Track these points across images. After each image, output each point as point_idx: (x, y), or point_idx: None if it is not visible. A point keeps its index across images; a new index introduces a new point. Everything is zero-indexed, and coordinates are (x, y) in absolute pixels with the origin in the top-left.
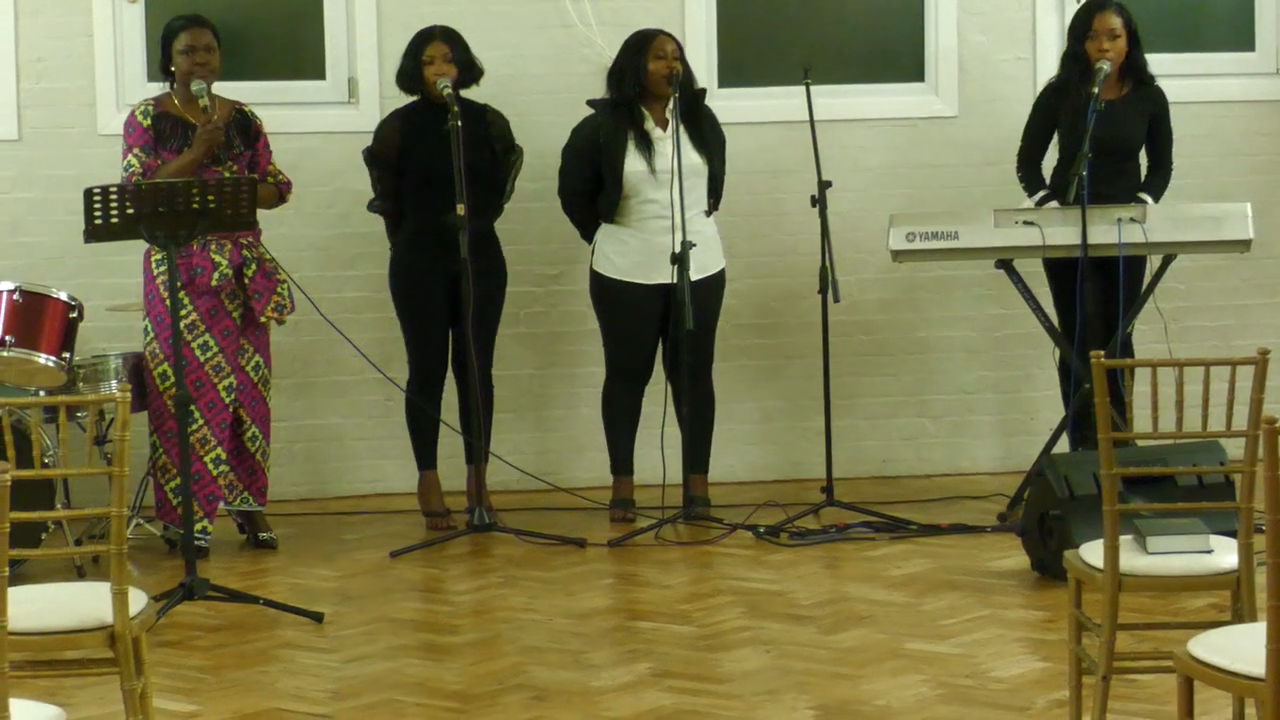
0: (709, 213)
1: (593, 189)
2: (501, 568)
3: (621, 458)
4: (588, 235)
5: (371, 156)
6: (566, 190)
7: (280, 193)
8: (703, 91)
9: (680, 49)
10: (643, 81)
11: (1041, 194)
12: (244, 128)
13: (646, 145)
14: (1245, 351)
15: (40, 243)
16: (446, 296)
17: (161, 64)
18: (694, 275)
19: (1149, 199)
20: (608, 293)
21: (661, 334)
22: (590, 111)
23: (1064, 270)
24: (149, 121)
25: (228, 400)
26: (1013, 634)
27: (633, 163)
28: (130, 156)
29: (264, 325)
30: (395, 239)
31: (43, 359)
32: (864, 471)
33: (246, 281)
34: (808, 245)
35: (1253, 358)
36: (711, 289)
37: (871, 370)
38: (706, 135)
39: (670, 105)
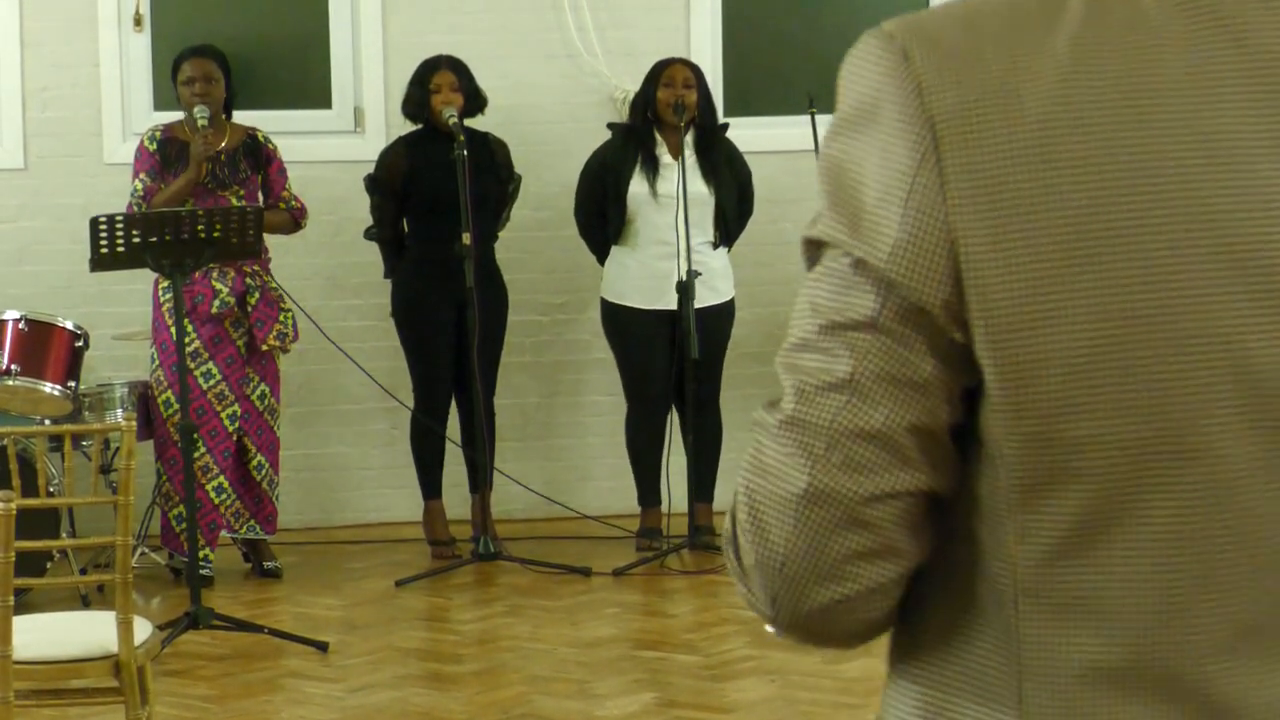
0: (717, 245)
1: (602, 210)
2: (506, 597)
3: (647, 488)
4: (602, 259)
5: (374, 183)
6: (579, 212)
7: (294, 218)
8: (723, 126)
9: (698, 79)
10: (653, 109)
11: None
12: (254, 152)
13: (652, 169)
14: None
15: (46, 271)
16: (450, 325)
17: (175, 94)
18: (701, 302)
19: None
20: (615, 318)
21: (672, 359)
22: (609, 135)
23: None
24: (155, 146)
25: (231, 429)
26: None
27: (636, 185)
28: (136, 181)
29: (270, 354)
30: (397, 267)
31: (48, 388)
32: None
33: (250, 309)
34: None
35: None
36: (719, 318)
37: None
38: (719, 167)
39: (688, 134)
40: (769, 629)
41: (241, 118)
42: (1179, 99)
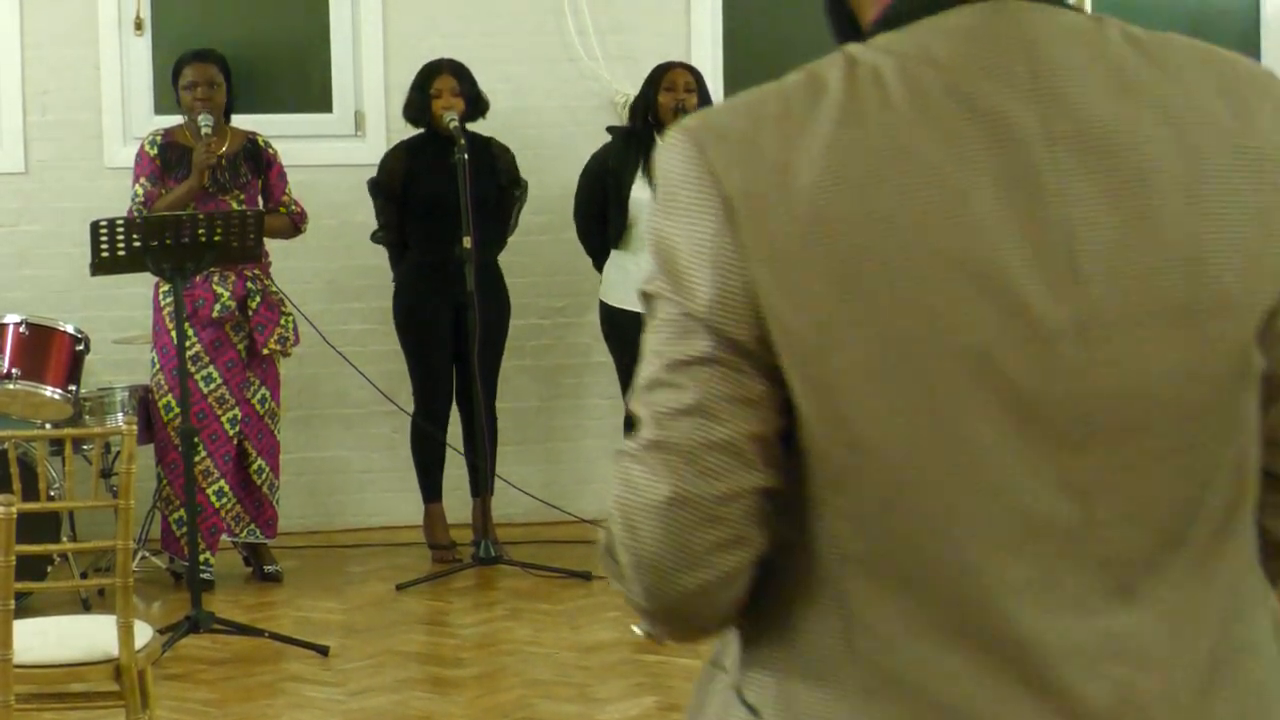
0: None
1: (602, 214)
2: (507, 600)
3: None
4: (599, 264)
5: (376, 187)
6: (578, 215)
7: (294, 222)
8: None
9: (699, 83)
10: (654, 113)
11: None
12: (254, 156)
13: (654, 174)
14: None
15: (47, 275)
16: (450, 329)
17: (176, 98)
18: None
19: None
20: (613, 321)
21: None
22: (609, 139)
23: None
24: (155, 151)
25: (231, 432)
26: None
27: (638, 190)
28: (136, 186)
29: (270, 358)
30: (399, 271)
31: (49, 392)
32: None
33: (250, 313)
34: None
35: None
36: None
37: None
38: None
39: None
40: (636, 630)
41: (242, 121)
42: (921, 161)
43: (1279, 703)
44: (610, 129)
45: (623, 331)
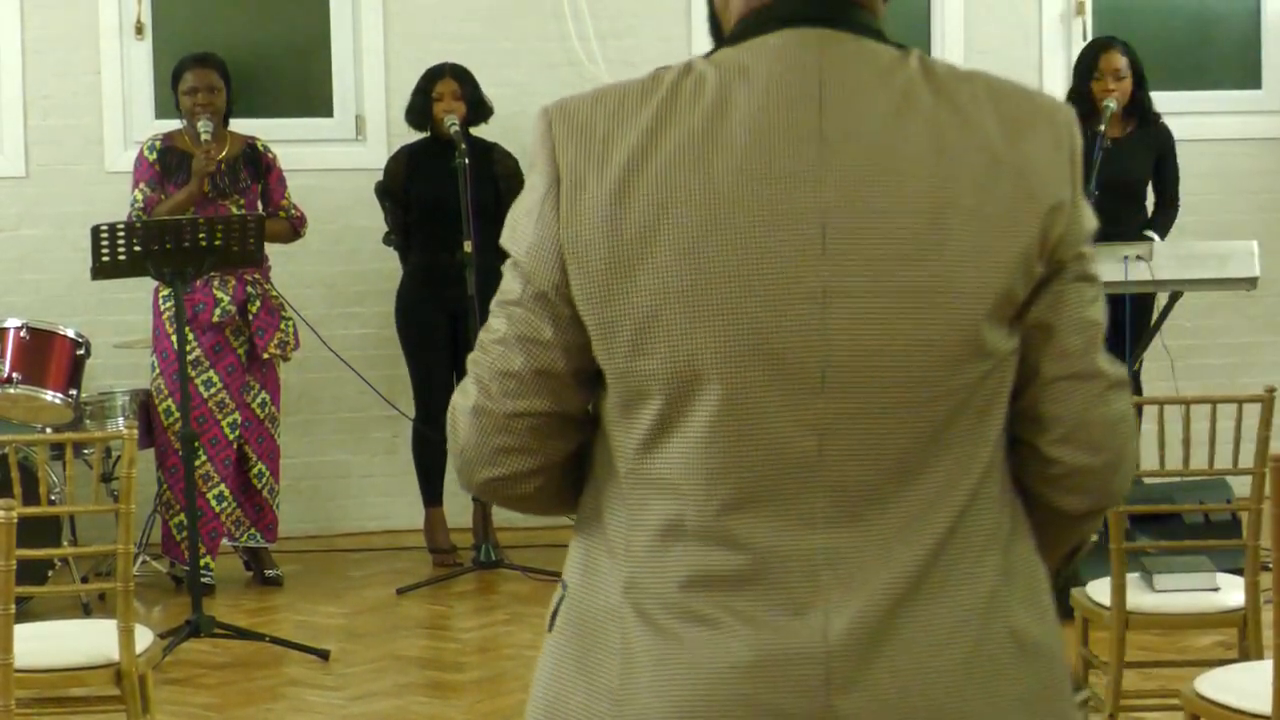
0: None
1: None
2: (508, 604)
3: None
4: None
5: (383, 191)
6: None
7: (294, 227)
8: None
9: None
10: None
11: None
12: (253, 161)
13: None
14: (1251, 389)
15: (47, 280)
16: (450, 333)
17: (175, 102)
18: None
19: (1155, 236)
20: None
21: None
22: None
23: None
24: (155, 156)
25: (231, 437)
26: None
27: None
28: (136, 191)
29: (271, 362)
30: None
31: (49, 396)
32: None
33: (251, 317)
34: None
35: (1259, 395)
36: None
37: None
38: None
39: None
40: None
41: (243, 126)
42: (721, 147)
43: (983, 638)
44: None
45: None
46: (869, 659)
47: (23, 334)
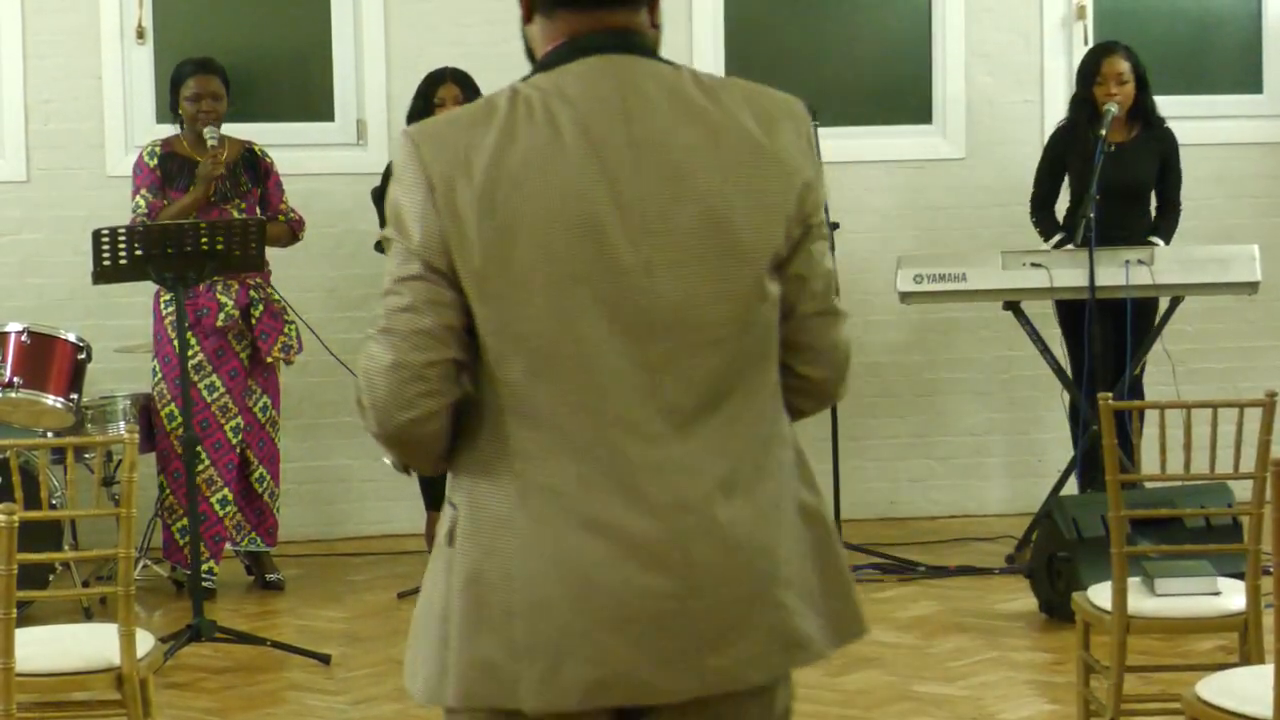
0: None
1: None
2: None
3: None
4: None
5: (381, 196)
6: None
7: (293, 231)
8: None
9: None
10: None
11: (1057, 238)
12: (253, 165)
13: None
14: (1253, 393)
15: (48, 284)
16: None
17: (170, 105)
18: None
19: (1159, 241)
20: None
21: None
22: None
23: (1074, 310)
24: (155, 162)
25: (234, 441)
26: (1021, 676)
27: None
28: (138, 197)
29: (272, 366)
30: None
31: (50, 400)
32: (872, 513)
33: (254, 322)
34: None
35: (1260, 400)
36: None
37: (880, 412)
38: None
39: None
40: (385, 460)
41: (244, 130)
42: (550, 158)
43: (787, 506)
44: None
45: None
46: (708, 527)
47: (24, 338)
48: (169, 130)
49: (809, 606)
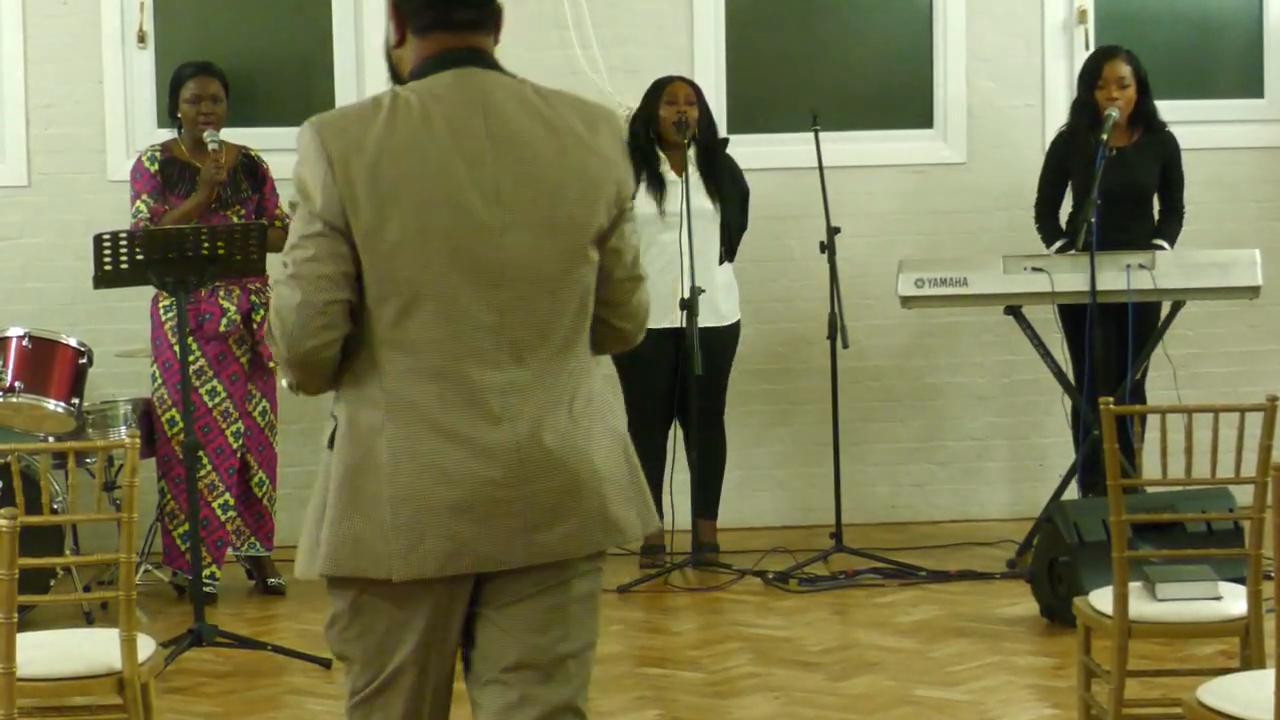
0: (723, 260)
1: None
2: None
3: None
4: None
5: None
6: None
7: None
8: (724, 141)
9: (698, 95)
10: (655, 127)
11: (1060, 243)
12: (251, 171)
13: (658, 187)
14: (1254, 398)
15: (49, 288)
16: None
17: (169, 109)
18: (706, 322)
19: (1165, 245)
20: None
21: (675, 378)
22: None
23: (1077, 315)
24: (156, 167)
25: (235, 446)
26: (1022, 681)
27: (642, 205)
28: (138, 203)
29: (272, 371)
30: None
31: (52, 405)
32: (873, 517)
33: (255, 326)
34: (816, 291)
35: (1261, 404)
36: (724, 337)
37: (880, 416)
38: (723, 183)
39: (690, 151)
40: (282, 384)
41: (245, 134)
42: (426, 145)
43: (598, 422)
44: None
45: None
46: (539, 437)
47: (25, 343)
48: (167, 135)
49: (624, 500)
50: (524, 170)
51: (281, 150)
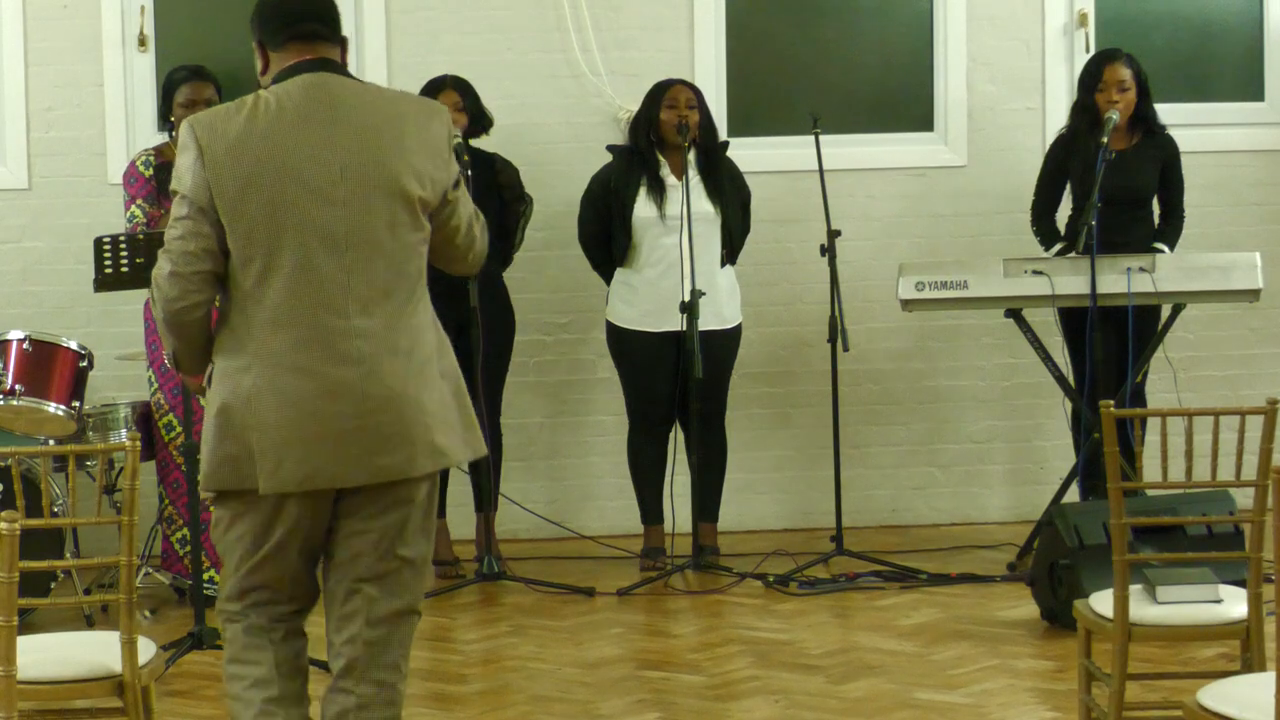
0: (724, 263)
1: (607, 233)
2: (510, 617)
3: (650, 506)
4: (607, 279)
5: None
6: (582, 235)
7: None
8: (724, 144)
9: (699, 99)
10: (656, 130)
11: (1058, 246)
12: None
13: (658, 191)
14: (1254, 401)
15: (50, 292)
16: (456, 345)
17: (162, 112)
18: (708, 325)
19: (1165, 248)
20: (621, 341)
21: (676, 381)
22: (610, 157)
23: (1077, 318)
24: (150, 172)
25: None
26: (1022, 684)
27: (642, 208)
28: (134, 208)
29: None
30: None
31: (52, 408)
32: (873, 520)
33: None
34: (817, 294)
35: (1262, 407)
36: (725, 340)
37: (881, 419)
38: (723, 186)
39: (690, 154)
40: (166, 359)
41: None
42: (281, 134)
43: (430, 366)
44: (610, 148)
45: (630, 350)
46: (380, 377)
47: (25, 346)
48: (163, 139)
49: (450, 431)
50: (365, 154)
51: None
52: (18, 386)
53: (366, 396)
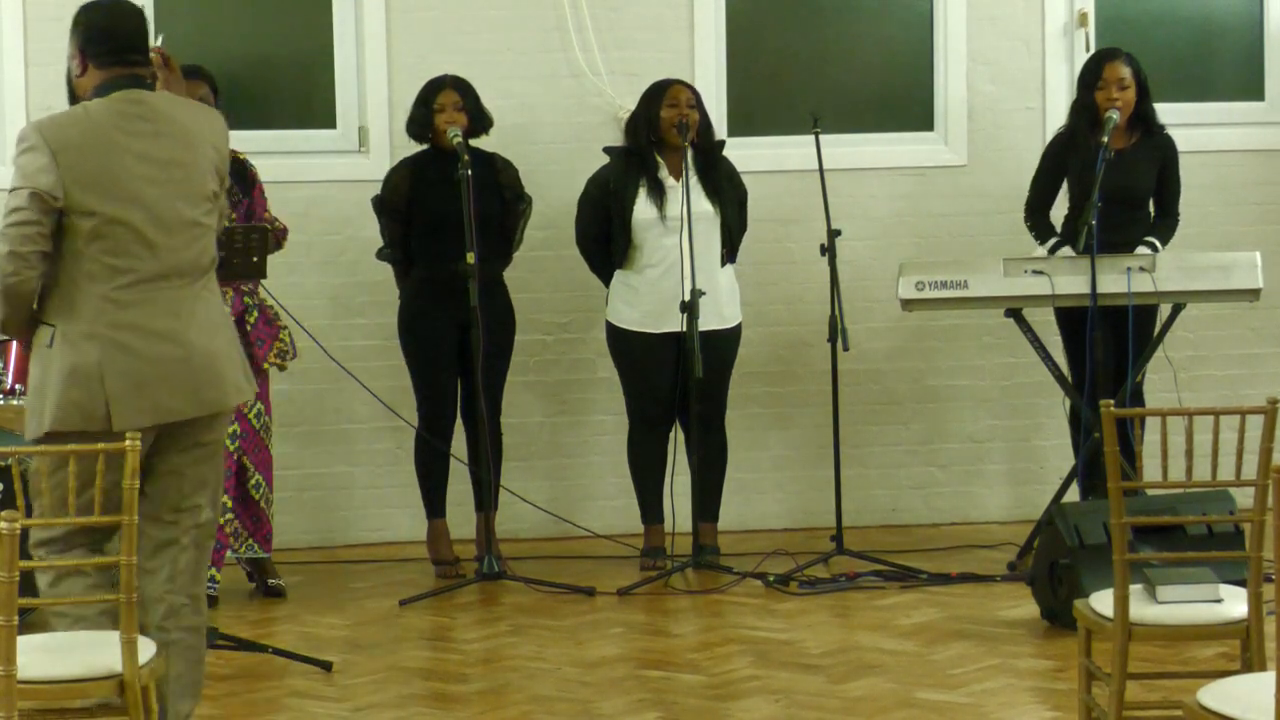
0: (724, 263)
1: (606, 235)
2: (510, 616)
3: (650, 506)
4: (606, 280)
5: (380, 204)
6: (581, 237)
7: (277, 240)
8: (721, 143)
9: (697, 99)
10: (655, 130)
11: (1054, 240)
12: (240, 175)
13: (658, 192)
14: (1254, 400)
15: None
16: (455, 344)
17: None
18: (708, 325)
19: (1156, 242)
20: (621, 342)
21: (677, 381)
22: (608, 159)
23: (1075, 317)
24: None
25: (232, 449)
26: (1022, 683)
27: (642, 209)
28: None
29: (264, 373)
30: (404, 287)
31: None
32: (874, 520)
33: (248, 329)
34: (817, 294)
35: (1262, 407)
36: (725, 340)
37: (881, 419)
38: (721, 185)
39: (689, 154)
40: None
41: (246, 138)
42: (104, 144)
43: (224, 323)
44: (607, 149)
45: (630, 350)
46: (196, 328)
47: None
48: None
49: (244, 374)
50: (175, 154)
51: (281, 153)
52: (18, 386)
53: (189, 344)
